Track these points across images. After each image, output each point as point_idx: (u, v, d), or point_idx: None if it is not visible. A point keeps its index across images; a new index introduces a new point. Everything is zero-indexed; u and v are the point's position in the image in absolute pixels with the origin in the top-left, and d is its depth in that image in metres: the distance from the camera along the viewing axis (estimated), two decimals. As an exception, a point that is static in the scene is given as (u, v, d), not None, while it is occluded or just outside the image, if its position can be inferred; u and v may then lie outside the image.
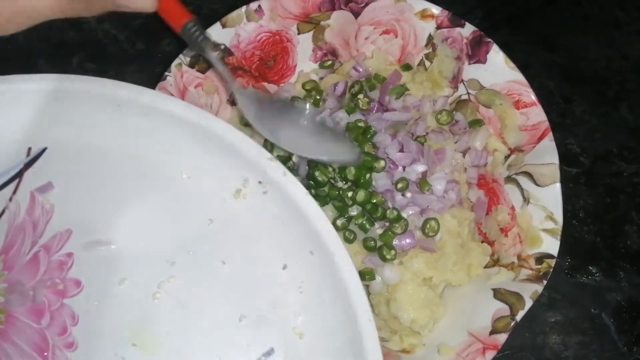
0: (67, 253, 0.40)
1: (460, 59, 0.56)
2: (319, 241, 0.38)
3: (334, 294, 0.38)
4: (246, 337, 0.39)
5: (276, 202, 0.40)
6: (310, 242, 0.39)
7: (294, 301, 0.39)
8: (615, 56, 0.69)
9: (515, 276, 0.49)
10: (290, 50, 0.59)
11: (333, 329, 0.38)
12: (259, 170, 0.40)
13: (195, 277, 0.40)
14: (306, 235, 0.39)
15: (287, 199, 0.39)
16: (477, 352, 0.46)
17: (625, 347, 0.57)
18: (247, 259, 0.40)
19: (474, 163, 0.54)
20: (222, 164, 0.41)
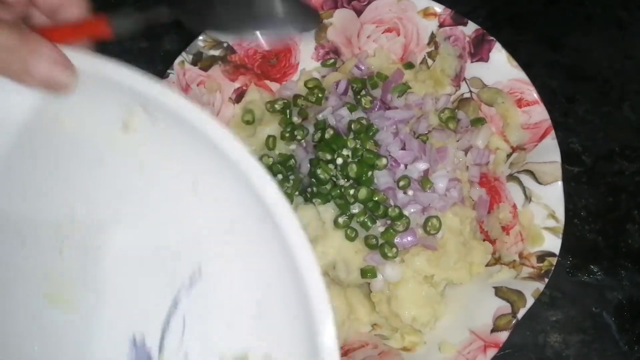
0: None
1: (463, 57, 0.56)
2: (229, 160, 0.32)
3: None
4: (164, 270, 0.36)
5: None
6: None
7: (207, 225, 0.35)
8: (618, 56, 0.69)
9: (516, 274, 0.49)
10: (292, 49, 0.59)
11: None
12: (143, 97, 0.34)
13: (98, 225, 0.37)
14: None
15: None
16: (478, 350, 0.46)
17: (626, 345, 0.57)
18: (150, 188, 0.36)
19: (476, 161, 0.54)
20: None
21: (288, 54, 0.60)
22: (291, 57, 0.60)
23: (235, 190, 0.32)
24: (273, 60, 0.59)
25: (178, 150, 0.35)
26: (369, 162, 0.50)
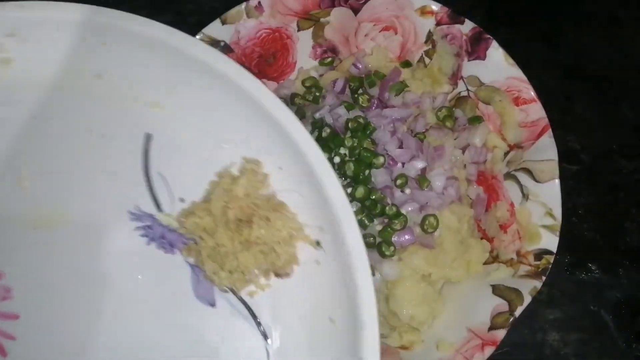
0: None
1: (460, 55, 0.55)
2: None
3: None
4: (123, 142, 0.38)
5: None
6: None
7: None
8: (616, 54, 0.69)
9: (514, 272, 0.49)
10: (290, 47, 0.59)
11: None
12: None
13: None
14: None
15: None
16: (475, 348, 0.46)
17: (624, 344, 0.57)
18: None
19: (473, 160, 0.54)
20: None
21: (285, 53, 0.60)
22: (288, 55, 0.60)
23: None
24: (270, 59, 0.59)
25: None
26: (366, 161, 0.50)
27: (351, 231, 0.34)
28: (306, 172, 0.35)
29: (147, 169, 0.39)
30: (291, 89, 0.58)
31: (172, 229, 0.39)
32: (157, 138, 0.39)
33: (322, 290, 0.36)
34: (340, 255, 0.34)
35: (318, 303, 0.36)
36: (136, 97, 0.38)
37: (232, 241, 0.37)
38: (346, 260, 0.34)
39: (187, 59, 0.36)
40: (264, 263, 0.37)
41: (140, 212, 0.39)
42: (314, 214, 0.36)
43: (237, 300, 0.38)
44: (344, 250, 0.34)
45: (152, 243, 0.39)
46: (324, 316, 0.36)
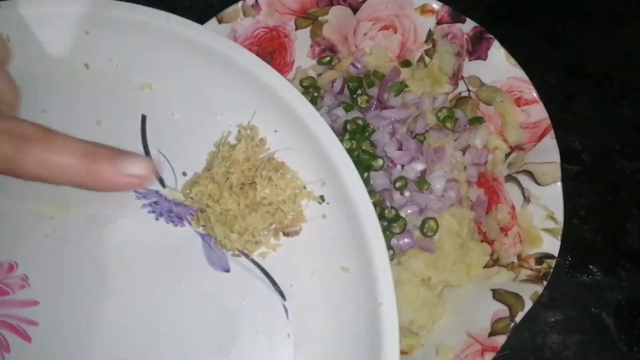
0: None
1: (461, 55, 0.55)
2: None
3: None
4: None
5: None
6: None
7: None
8: (618, 53, 0.68)
9: (515, 276, 0.49)
10: (287, 46, 0.58)
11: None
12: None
13: None
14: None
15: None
16: (475, 353, 0.46)
17: (625, 346, 0.56)
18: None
19: (474, 161, 0.53)
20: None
21: (283, 52, 0.59)
22: (286, 55, 0.59)
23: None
24: (267, 58, 0.58)
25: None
26: (364, 163, 0.49)
27: (351, 178, 0.35)
28: (301, 129, 0.37)
29: (146, 148, 0.40)
30: (289, 89, 0.57)
31: (178, 202, 0.40)
32: (152, 118, 0.40)
33: (332, 242, 0.37)
34: (344, 204, 0.36)
35: (329, 255, 0.37)
36: (128, 80, 0.39)
37: (238, 205, 0.37)
38: (351, 208, 0.35)
39: (171, 37, 0.37)
40: (272, 223, 0.38)
41: (145, 190, 0.40)
42: (314, 169, 0.37)
43: (250, 263, 0.39)
44: (348, 199, 0.35)
45: (161, 218, 0.40)
46: (337, 267, 0.37)
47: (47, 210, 0.41)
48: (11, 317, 0.39)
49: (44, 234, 0.40)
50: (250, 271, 0.39)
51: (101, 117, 0.40)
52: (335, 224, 0.37)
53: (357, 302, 0.36)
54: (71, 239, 0.41)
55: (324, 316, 0.37)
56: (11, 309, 0.39)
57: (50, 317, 0.39)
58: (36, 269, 0.40)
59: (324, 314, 0.37)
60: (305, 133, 0.37)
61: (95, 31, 0.38)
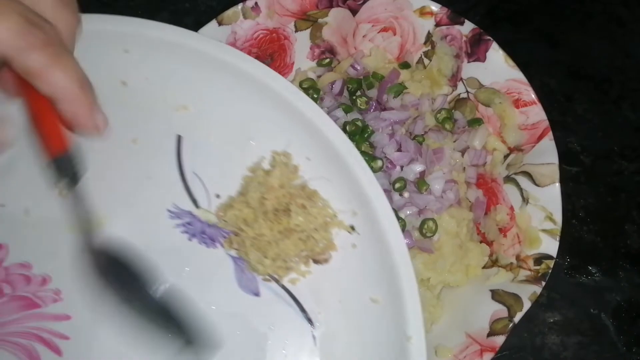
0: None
1: (460, 57, 0.55)
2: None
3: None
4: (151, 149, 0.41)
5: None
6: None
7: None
8: (617, 54, 0.68)
9: (513, 277, 0.49)
10: (287, 48, 0.59)
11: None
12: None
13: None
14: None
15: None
16: (474, 354, 0.46)
17: (624, 347, 0.56)
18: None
19: (472, 162, 0.53)
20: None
21: (283, 54, 0.59)
22: (286, 56, 0.59)
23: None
24: (267, 60, 0.58)
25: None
26: (364, 164, 0.49)
27: (382, 209, 0.36)
28: (334, 158, 0.37)
29: (181, 169, 0.41)
30: (289, 91, 0.57)
31: (211, 224, 0.41)
32: (188, 139, 0.41)
33: (361, 272, 0.38)
34: (374, 235, 0.36)
35: (358, 285, 0.38)
36: (164, 100, 0.40)
37: (272, 230, 0.38)
38: (381, 239, 0.36)
39: (209, 60, 0.38)
40: (303, 250, 0.39)
41: (179, 210, 0.41)
42: (345, 199, 0.38)
43: (280, 288, 0.40)
44: (378, 230, 0.36)
45: (194, 239, 0.41)
46: (366, 297, 0.37)
47: (82, 225, 0.41)
48: (42, 330, 0.39)
49: (78, 249, 0.40)
50: (280, 296, 0.40)
51: (137, 135, 0.41)
52: (365, 254, 0.37)
53: (385, 334, 0.36)
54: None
55: (352, 346, 0.38)
56: (43, 322, 0.39)
57: (82, 333, 0.39)
58: (69, 283, 0.40)
59: (351, 344, 0.38)
60: (338, 163, 0.37)
61: (134, 50, 0.38)
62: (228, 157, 0.40)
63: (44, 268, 0.40)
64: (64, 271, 0.40)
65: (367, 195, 0.36)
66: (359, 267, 0.38)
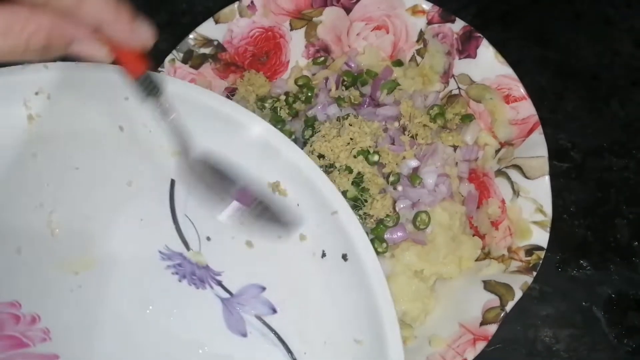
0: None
1: (451, 54, 0.56)
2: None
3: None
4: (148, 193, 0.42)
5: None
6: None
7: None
8: (606, 52, 0.69)
9: (505, 268, 0.50)
10: (283, 46, 0.60)
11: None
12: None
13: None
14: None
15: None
16: (467, 343, 0.47)
17: (615, 339, 0.57)
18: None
19: (465, 157, 0.54)
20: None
21: (278, 52, 0.60)
22: (281, 55, 0.60)
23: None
24: (263, 58, 0.59)
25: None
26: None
27: (367, 253, 0.36)
28: (319, 201, 0.38)
29: (174, 212, 0.41)
30: (284, 88, 0.59)
31: (202, 266, 0.41)
32: (180, 183, 0.41)
33: (345, 314, 0.38)
34: (358, 277, 0.36)
35: (343, 326, 0.38)
36: (160, 146, 0.40)
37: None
38: (365, 282, 0.36)
39: (202, 108, 0.38)
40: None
41: (170, 252, 0.41)
42: (332, 242, 0.38)
43: (266, 328, 0.41)
44: (363, 274, 0.36)
45: (184, 280, 0.42)
46: (349, 338, 0.38)
47: (74, 266, 0.41)
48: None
49: (69, 289, 0.41)
50: (266, 337, 0.40)
51: (132, 178, 0.41)
52: (349, 297, 0.38)
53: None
54: (95, 295, 0.42)
55: None
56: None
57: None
58: (59, 323, 0.40)
59: None
60: (323, 205, 0.37)
61: (134, 99, 0.39)
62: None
63: (34, 307, 0.40)
64: (54, 310, 0.40)
65: (352, 239, 0.37)
66: (344, 309, 0.38)
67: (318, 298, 0.39)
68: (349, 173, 0.49)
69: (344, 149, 0.49)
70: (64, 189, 0.41)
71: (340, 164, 0.49)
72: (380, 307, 0.35)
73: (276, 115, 0.55)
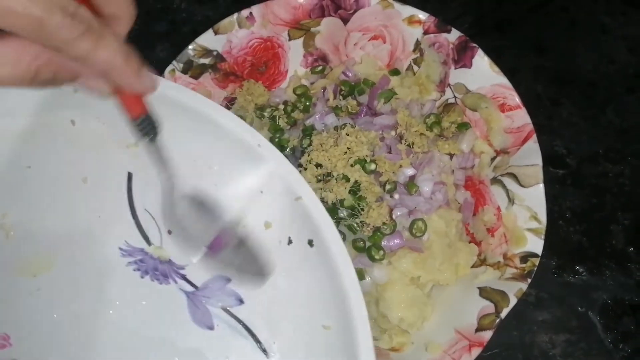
0: None
1: (447, 63, 0.57)
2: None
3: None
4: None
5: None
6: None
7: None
8: (602, 60, 0.70)
9: (500, 275, 0.50)
10: (281, 56, 0.61)
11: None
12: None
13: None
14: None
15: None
16: (463, 349, 0.47)
17: (611, 344, 0.58)
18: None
19: (461, 165, 0.55)
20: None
21: (277, 62, 0.61)
22: (280, 64, 0.61)
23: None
24: (262, 68, 0.60)
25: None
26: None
27: (332, 238, 0.36)
28: (284, 192, 0.37)
29: (132, 206, 0.40)
30: (283, 97, 0.59)
31: (164, 260, 0.40)
32: (138, 176, 0.40)
33: (313, 299, 0.37)
34: (325, 263, 0.36)
35: (311, 312, 0.38)
36: (114, 139, 0.38)
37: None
38: (331, 267, 0.35)
39: (159, 98, 0.36)
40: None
41: (131, 248, 0.41)
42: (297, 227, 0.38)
43: (234, 320, 0.40)
44: (329, 258, 0.35)
45: (146, 276, 0.41)
46: (318, 324, 0.37)
47: (31, 268, 0.40)
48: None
49: (28, 292, 0.40)
50: (234, 328, 0.40)
51: (87, 174, 0.40)
52: (316, 283, 0.37)
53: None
54: (55, 297, 0.40)
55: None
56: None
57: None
58: (18, 328, 0.39)
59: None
60: (288, 196, 0.36)
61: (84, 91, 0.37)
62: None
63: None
64: (13, 316, 0.39)
65: (317, 225, 0.36)
66: (311, 296, 0.37)
67: (285, 286, 0.38)
68: (346, 182, 0.50)
69: (341, 158, 0.50)
70: (16, 189, 0.39)
71: (338, 172, 0.50)
72: (346, 291, 0.35)
73: (275, 124, 0.56)
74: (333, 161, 0.50)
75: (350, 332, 0.35)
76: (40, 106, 0.38)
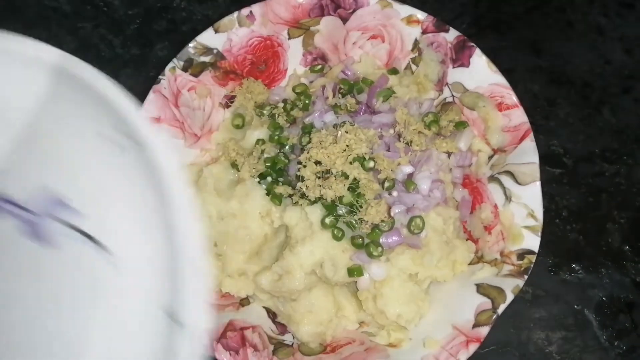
0: None
1: (445, 62, 0.57)
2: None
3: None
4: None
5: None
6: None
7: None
8: (598, 61, 0.71)
9: (497, 272, 0.51)
10: (281, 55, 0.61)
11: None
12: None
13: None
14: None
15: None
16: (460, 344, 0.48)
17: (607, 341, 0.58)
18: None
19: (458, 163, 0.56)
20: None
21: (276, 60, 0.61)
22: (279, 63, 0.61)
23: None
24: (262, 66, 0.61)
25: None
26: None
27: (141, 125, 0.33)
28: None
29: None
30: (282, 95, 0.60)
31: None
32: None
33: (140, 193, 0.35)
34: (143, 150, 0.34)
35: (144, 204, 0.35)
36: None
37: None
38: (147, 150, 0.34)
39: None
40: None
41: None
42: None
43: (75, 232, 0.38)
44: (142, 143, 0.34)
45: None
46: (157, 221, 0.35)
47: None
48: None
49: None
50: (76, 239, 0.38)
51: None
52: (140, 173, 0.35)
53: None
54: None
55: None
56: None
57: None
58: None
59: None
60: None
61: None
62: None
63: None
64: None
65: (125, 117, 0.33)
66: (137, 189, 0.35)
67: (114, 186, 0.36)
68: (345, 179, 0.50)
69: (340, 156, 0.51)
70: None
71: (337, 170, 0.50)
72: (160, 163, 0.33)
73: (274, 122, 0.57)
74: (332, 158, 0.50)
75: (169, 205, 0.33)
76: None
